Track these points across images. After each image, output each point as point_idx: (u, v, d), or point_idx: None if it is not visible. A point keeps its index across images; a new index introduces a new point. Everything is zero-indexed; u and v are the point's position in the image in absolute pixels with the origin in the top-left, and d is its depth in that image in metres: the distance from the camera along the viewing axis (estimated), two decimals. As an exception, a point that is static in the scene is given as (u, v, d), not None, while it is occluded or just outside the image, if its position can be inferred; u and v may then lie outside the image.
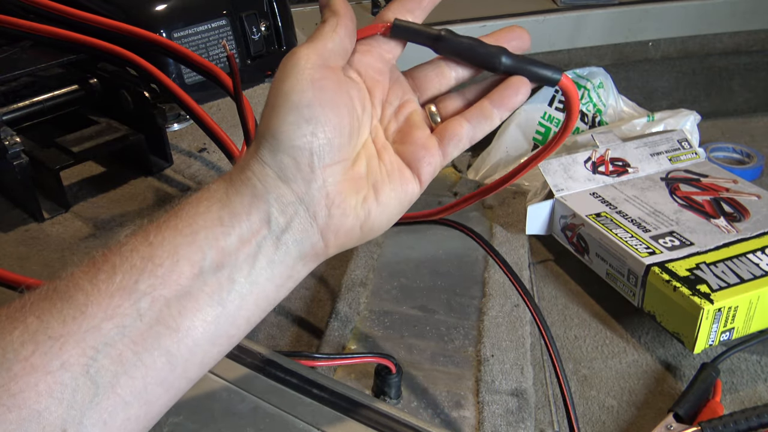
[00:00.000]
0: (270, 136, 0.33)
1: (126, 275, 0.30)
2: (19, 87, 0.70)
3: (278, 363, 0.46)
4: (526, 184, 1.03)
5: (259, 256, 0.33)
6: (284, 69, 0.34)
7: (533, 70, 0.38)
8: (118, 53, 0.70)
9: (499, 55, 0.37)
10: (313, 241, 0.35)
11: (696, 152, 0.99)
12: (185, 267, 0.31)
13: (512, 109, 0.39)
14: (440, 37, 0.38)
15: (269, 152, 0.33)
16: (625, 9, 1.23)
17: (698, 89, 1.36)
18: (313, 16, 1.22)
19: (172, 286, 0.30)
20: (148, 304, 0.30)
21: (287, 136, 0.33)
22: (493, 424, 0.63)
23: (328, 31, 0.35)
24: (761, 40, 1.32)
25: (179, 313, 0.30)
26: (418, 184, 0.38)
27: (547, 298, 0.86)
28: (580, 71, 1.26)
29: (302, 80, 0.33)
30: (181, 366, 0.31)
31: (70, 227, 0.65)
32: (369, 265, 0.85)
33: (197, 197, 0.34)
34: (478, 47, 0.37)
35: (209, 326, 0.32)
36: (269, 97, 0.34)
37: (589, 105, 1.24)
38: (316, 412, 0.42)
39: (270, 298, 0.34)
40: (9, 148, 0.60)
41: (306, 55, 0.34)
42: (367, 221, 0.36)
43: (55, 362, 0.28)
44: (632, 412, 0.70)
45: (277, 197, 0.33)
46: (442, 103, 0.40)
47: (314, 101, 0.33)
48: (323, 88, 0.33)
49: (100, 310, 0.29)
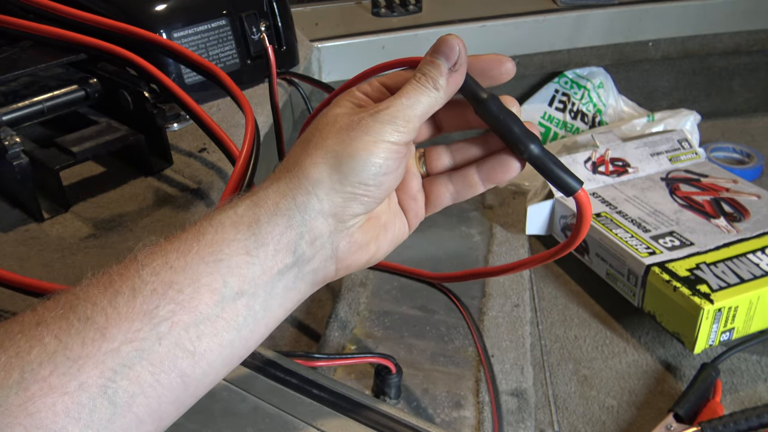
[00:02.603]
0: (336, 179, 0.34)
1: (146, 300, 0.30)
2: (19, 87, 0.70)
3: (278, 363, 0.46)
4: (526, 184, 1.03)
5: (277, 284, 0.33)
6: (375, 129, 0.34)
7: (556, 172, 0.36)
8: (118, 53, 0.70)
9: (530, 142, 0.36)
10: (327, 271, 0.36)
11: (696, 152, 0.99)
12: (206, 295, 0.31)
13: (497, 184, 0.39)
14: (485, 99, 0.36)
15: (327, 191, 0.34)
16: (625, 9, 1.23)
17: (698, 89, 1.36)
18: (313, 16, 1.22)
19: (192, 312, 0.31)
20: (167, 328, 0.30)
21: (351, 185, 0.34)
22: (494, 424, 0.63)
23: (428, 104, 0.35)
24: (761, 40, 1.31)
25: (197, 337, 0.31)
26: (408, 229, 0.41)
27: (547, 298, 0.86)
28: (580, 71, 1.26)
29: (388, 152, 0.34)
30: (194, 386, 0.32)
31: (70, 227, 0.65)
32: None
33: (221, 220, 0.33)
34: (516, 124, 0.36)
35: (224, 350, 0.32)
36: (344, 138, 0.34)
37: (589, 105, 1.24)
38: (316, 412, 0.42)
39: (278, 319, 0.35)
40: (9, 148, 0.60)
41: (399, 130, 0.34)
42: (374, 255, 0.38)
43: (73, 383, 0.28)
44: (632, 412, 0.70)
45: (310, 230, 0.34)
46: (430, 154, 0.41)
47: (388, 171, 0.34)
48: (400, 160, 0.35)
49: (120, 333, 0.29)
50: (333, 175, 0.34)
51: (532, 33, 1.20)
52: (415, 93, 0.35)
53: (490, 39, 1.17)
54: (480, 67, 0.37)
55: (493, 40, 1.17)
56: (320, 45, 1.10)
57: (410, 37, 1.14)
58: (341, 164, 0.34)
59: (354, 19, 1.21)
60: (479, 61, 0.37)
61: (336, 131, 0.35)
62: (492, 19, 1.16)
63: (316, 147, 0.35)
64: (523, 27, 1.18)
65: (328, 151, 0.34)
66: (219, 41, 0.84)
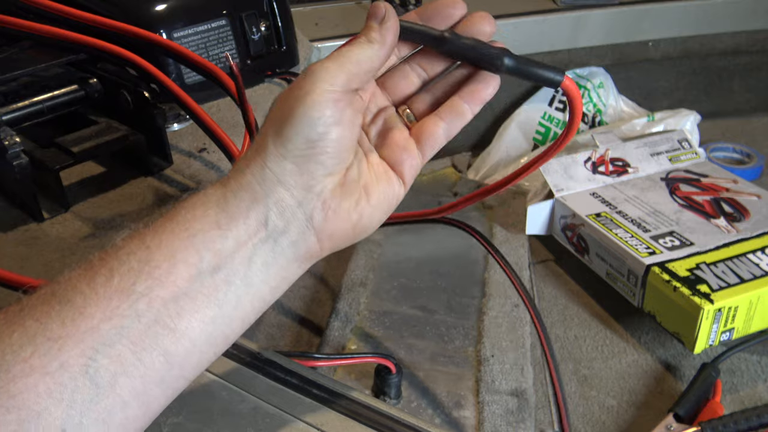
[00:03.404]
0: (279, 144, 0.34)
1: (123, 278, 0.30)
2: (19, 87, 0.70)
3: (278, 363, 0.46)
4: (526, 184, 1.03)
5: (254, 258, 0.33)
6: (308, 82, 0.34)
7: (535, 71, 0.38)
8: (118, 53, 0.70)
9: (501, 57, 0.37)
10: (309, 244, 0.35)
11: (696, 152, 0.99)
12: (182, 269, 0.31)
13: (483, 102, 0.40)
14: (444, 38, 0.38)
15: (274, 158, 0.34)
16: (625, 9, 1.23)
17: (698, 89, 1.36)
18: (313, 16, 1.22)
19: (169, 287, 0.31)
20: (146, 305, 0.30)
21: (297, 146, 0.34)
22: (493, 424, 0.63)
23: (364, 55, 0.36)
24: (761, 40, 1.31)
25: (177, 314, 0.31)
26: (403, 185, 0.39)
27: (547, 298, 0.86)
28: (580, 71, 1.26)
29: (324, 101, 0.34)
30: (179, 365, 0.32)
31: (70, 227, 0.65)
32: (369, 265, 0.85)
33: (193, 201, 0.34)
34: (481, 48, 0.38)
35: (206, 326, 0.32)
36: (283, 104, 0.34)
37: (589, 105, 1.24)
38: (316, 412, 0.42)
39: (265, 299, 0.35)
40: (9, 148, 0.60)
41: (333, 76, 0.34)
42: (360, 222, 0.37)
43: (54, 363, 0.28)
44: (632, 412, 0.70)
45: (276, 201, 0.34)
46: (414, 104, 0.41)
47: (330, 121, 0.34)
48: (342, 109, 0.34)
49: (98, 311, 0.29)
50: (276, 141, 0.34)
51: (532, 33, 1.20)
52: (348, 46, 0.36)
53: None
54: (429, 15, 0.38)
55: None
56: (320, 45, 1.10)
57: (410, 37, 1.13)
58: (282, 128, 0.34)
59: (354, 19, 1.21)
60: (428, 8, 0.38)
61: (279, 100, 0.35)
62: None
63: (266, 119, 0.35)
64: (523, 27, 1.18)
65: (271, 119, 0.35)
66: (219, 41, 0.84)
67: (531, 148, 1.16)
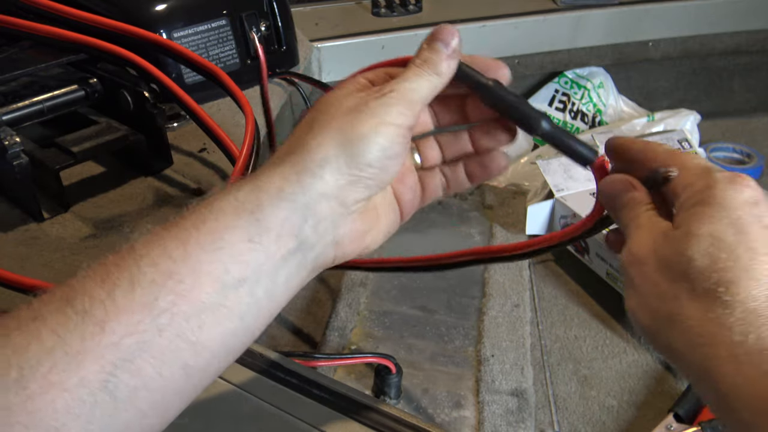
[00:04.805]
0: (344, 158, 0.33)
1: (146, 291, 0.29)
2: (18, 87, 0.70)
3: (278, 363, 0.46)
4: (526, 184, 1.03)
5: (281, 271, 0.33)
6: (382, 111, 0.34)
7: (569, 143, 0.38)
8: (118, 53, 0.70)
9: (540, 119, 0.37)
10: (327, 259, 0.35)
11: (696, 152, 0.99)
12: (207, 284, 0.30)
13: (486, 179, 0.41)
14: (490, 87, 0.37)
15: (333, 170, 0.33)
16: (625, 9, 1.23)
17: (698, 89, 1.36)
18: (313, 16, 1.22)
19: (193, 302, 0.30)
20: (168, 319, 0.29)
21: (359, 166, 0.33)
22: (493, 424, 0.63)
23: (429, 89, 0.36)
24: (761, 40, 1.31)
25: (198, 327, 0.30)
26: (401, 218, 0.41)
27: (547, 298, 0.86)
28: (580, 71, 1.26)
29: (395, 135, 0.34)
30: (197, 377, 0.31)
31: (70, 227, 0.65)
32: (369, 265, 0.85)
33: (222, 206, 0.32)
34: (524, 106, 0.37)
35: (227, 339, 0.31)
36: (347, 122, 0.34)
37: (589, 105, 1.24)
38: (316, 412, 0.42)
39: (281, 307, 0.34)
40: (9, 148, 0.60)
41: (403, 114, 0.34)
42: (368, 247, 0.38)
43: (73, 379, 0.27)
44: (632, 412, 0.70)
45: (314, 213, 0.33)
46: (422, 148, 0.41)
47: (395, 153, 0.34)
48: (404, 145, 0.35)
49: (119, 327, 0.28)
50: (340, 156, 0.33)
51: (532, 33, 1.20)
52: (416, 77, 0.35)
53: (490, 39, 1.17)
54: (477, 67, 0.37)
55: (493, 40, 1.17)
56: (320, 45, 1.10)
57: (410, 37, 1.14)
58: (349, 145, 0.33)
59: (354, 19, 1.21)
60: (476, 61, 0.37)
61: (342, 112, 0.34)
62: (492, 19, 1.16)
63: (321, 128, 0.34)
64: (523, 27, 1.18)
65: (335, 132, 0.33)
66: (219, 41, 0.84)
67: (531, 148, 1.16)
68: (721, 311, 0.28)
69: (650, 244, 0.32)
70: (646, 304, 0.31)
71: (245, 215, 0.32)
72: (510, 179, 1.07)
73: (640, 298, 0.32)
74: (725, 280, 0.28)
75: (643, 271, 0.32)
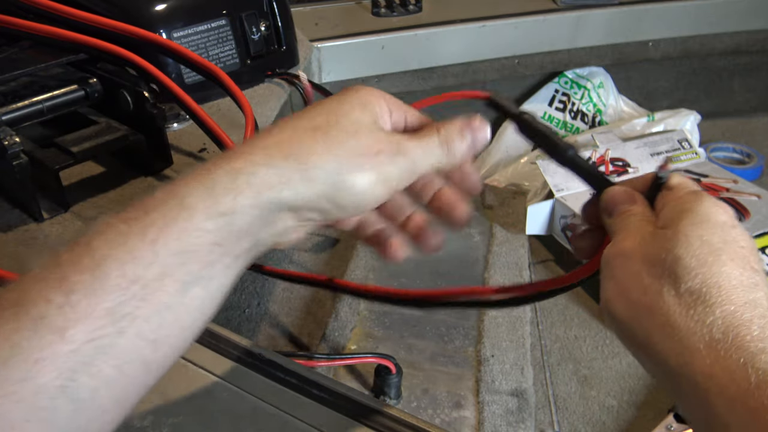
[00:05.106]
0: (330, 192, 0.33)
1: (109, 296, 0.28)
2: (18, 87, 0.70)
3: (278, 363, 0.46)
4: (526, 184, 1.03)
5: (234, 268, 0.32)
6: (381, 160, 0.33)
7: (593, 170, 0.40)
8: (118, 53, 0.70)
9: (567, 150, 0.40)
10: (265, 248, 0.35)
11: (696, 152, 0.99)
12: (170, 285, 0.30)
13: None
14: (521, 117, 0.40)
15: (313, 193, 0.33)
16: (625, 9, 1.23)
17: (698, 89, 1.36)
18: (313, 16, 1.22)
19: (155, 304, 0.29)
20: (129, 322, 0.29)
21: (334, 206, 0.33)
22: (493, 424, 0.63)
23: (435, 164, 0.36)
24: (761, 40, 1.32)
25: (159, 326, 0.30)
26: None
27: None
28: (580, 71, 1.26)
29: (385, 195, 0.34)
30: (156, 369, 0.31)
31: (70, 227, 0.64)
32: (369, 265, 0.85)
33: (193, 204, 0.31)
34: (553, 136, 0.40)
35: (185, 331, 0.31)
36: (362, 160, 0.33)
37: (589, 105, 1.24)
38: (316, 412, 0.42)
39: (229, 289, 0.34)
40: (8, 148, 0.60)
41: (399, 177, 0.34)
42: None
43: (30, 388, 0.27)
44: (632, 412, 0.70)
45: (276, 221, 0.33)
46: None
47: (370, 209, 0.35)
48: (385, 198, 0.35)
49: (79, 334, 0.27)
50: (327, 188, 0.32)
51: (532, 33, 1.20)
52: (432, 149, 0.35)
53: (490, 39, 1.17)
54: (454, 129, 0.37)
55: (493, 40, 1.17)
56: (320, 45, 1.10)
57: (410, 37, 1.14)
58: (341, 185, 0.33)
59: (354, 19, 1.21)
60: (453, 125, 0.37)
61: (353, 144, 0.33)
62: (492, 19, 1.16)
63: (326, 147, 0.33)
64: (523, 27, 1.18)
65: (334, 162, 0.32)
66: (219, 41, 0.84)
67: (531, 148, 1.16)
68: (702, 309, 0.30)
69: (637, 240, 0.33)
70: (627, 296, 0.33)
71: (218, 218, 0.31)
72: (510, 179, 1.07)
73: (621, 289, 0.33)
74: (709, 282, 0.30)
75: (627, 264, 0.33)
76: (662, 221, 0.34)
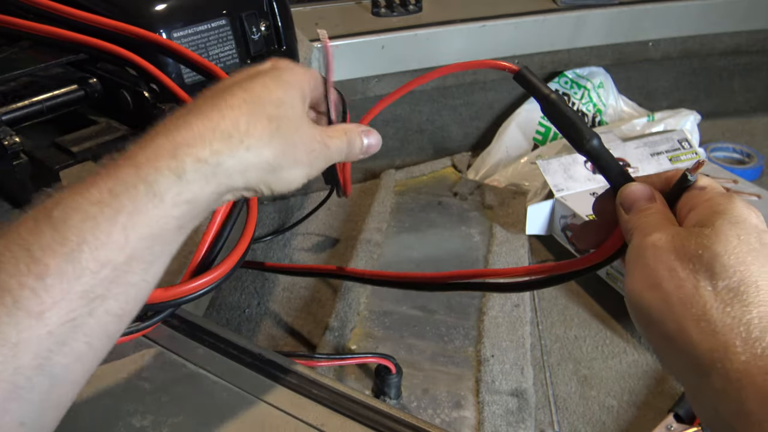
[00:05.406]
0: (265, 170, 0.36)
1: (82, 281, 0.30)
2: (18, 87, 0.70)
3: (278, 363, 0.46)
4: (526, 184, 1.03)
5: (184, 228, 0.34)
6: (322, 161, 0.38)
7: (612, 163, 0.39)
8: (118, 53, 0.70)
9: (591, 139, 0.39)
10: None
11: (696, 152, 0.99)
12: (137, 266, 0.32)
13: None
14: (550, 98, 0.39)
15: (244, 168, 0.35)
16: (625, 9, 1.23)
17: (698, 89, 1.36)
18: (313, 16, 1.22)
19: (123, 285, 0.31)
20: (100, 302, 0.31)
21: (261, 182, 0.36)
22: (493, 425, 0.63)
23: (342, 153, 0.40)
24: (761, 40, 1.32)
25: (125, 302, 0.32)
26: None
27: (547, 299, 0.86)
28: (580, 71, 1.26)
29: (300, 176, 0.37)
30: (116, 338, 0.33)
31: (70, 227, 0.64)
32: (369, 265, 0.85)
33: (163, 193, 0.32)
34: (579, 121, 0.39)
35: (143, 302, 0.33)
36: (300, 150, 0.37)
37: (589, 105, 1.24)
38: (316, 412, 0.42)
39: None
40: (8, 148, 0.60)
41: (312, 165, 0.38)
42: None
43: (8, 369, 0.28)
44: (632, 412, 0.70)
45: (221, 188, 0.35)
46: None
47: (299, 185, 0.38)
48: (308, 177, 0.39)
49: (54, 316, 0.29)
50: (268, 176, 0.36)
51: (532, 33, 1.20)
52: (341, 148, 0.40)
53: (490, 39, 1.17)
54: None
55: (493, 40, 1.17)
56: (320, 45, 1.10)
57: (410, 36, 1.14)
58: (280, 174, 0.36)
59: (354, 19, 1.21)
60: None
61: (296, 140, 0.36)
62: (492, 19, 1.16)
63: (279, 141, 0.36)
64: (523, 27, 1.18)
65: (283, 156, 0.36)
66: (219, 41, 0.84)
67: (531, 148, 1.16)
68: (739, 308, 0.30)
69: (669, 235, 0.34)
70: (660, 287, 0.33)
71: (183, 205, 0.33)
72: (510, 179, 1.07)
73: (654, 281, 0.33)
74: (747, 281, 0.30)
75: (660, 256, 0.33)
76: (693, 220, 0.34)
